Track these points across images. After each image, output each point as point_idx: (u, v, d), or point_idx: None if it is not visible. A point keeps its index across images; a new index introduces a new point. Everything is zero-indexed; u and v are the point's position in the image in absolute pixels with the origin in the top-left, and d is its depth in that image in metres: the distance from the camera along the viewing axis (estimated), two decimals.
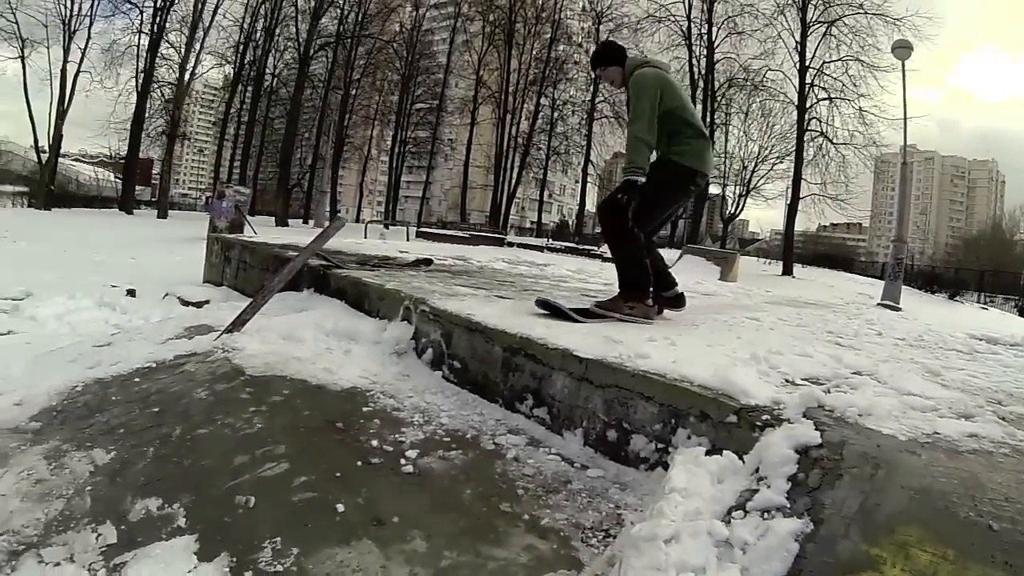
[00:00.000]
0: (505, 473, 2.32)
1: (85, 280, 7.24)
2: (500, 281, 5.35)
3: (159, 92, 33.59)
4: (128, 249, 12.36)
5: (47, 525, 2.07)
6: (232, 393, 2.97)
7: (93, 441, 2.61)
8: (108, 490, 2.25)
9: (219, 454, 2.45)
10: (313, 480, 2.23)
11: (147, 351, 3.68)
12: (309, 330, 3.77)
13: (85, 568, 1.87)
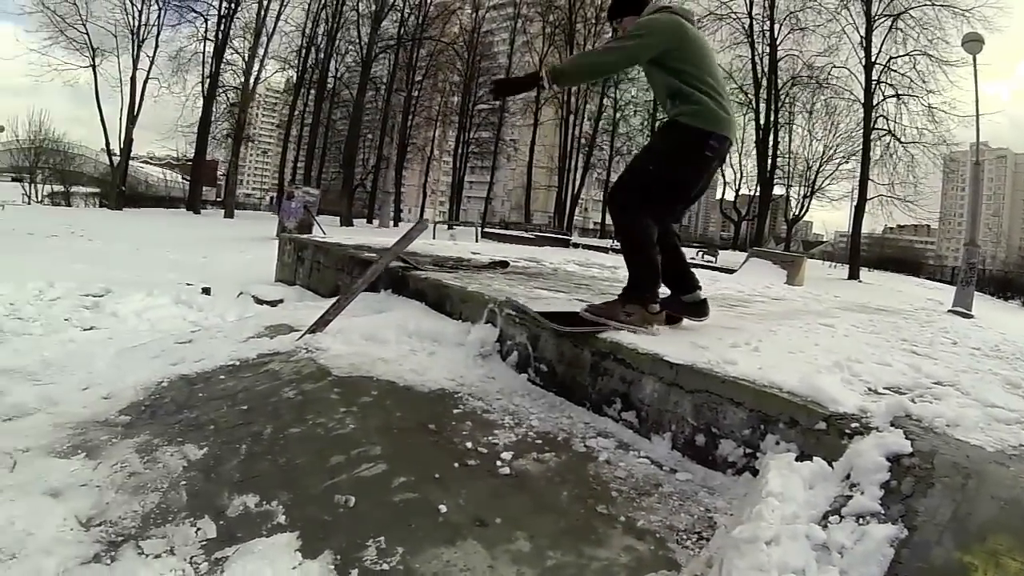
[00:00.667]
0: (598, 475, 2.42)
1: (160, 278, 7.61)
2: (576, 284, 5.41)
3: (224, 96, 36.42)
4: (199, 248, 12.92)
5: (144, 517, 2.19)
6: (321, 393, 3.10)
7: (184, 436, 2.75)
8: (203, 485, 2.37)
9: (314, 453, 2.57)
10: (412, 481, 2.32)
11: (230, 349, 3.86)
12: (392, 331, 3.89)
13: (186, 561, 1.96)
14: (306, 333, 3.92)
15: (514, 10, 44.45)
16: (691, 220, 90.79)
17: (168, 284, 6.91)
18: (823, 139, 37.74)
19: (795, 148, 38.46)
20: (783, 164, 37.69)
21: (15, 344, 4.51)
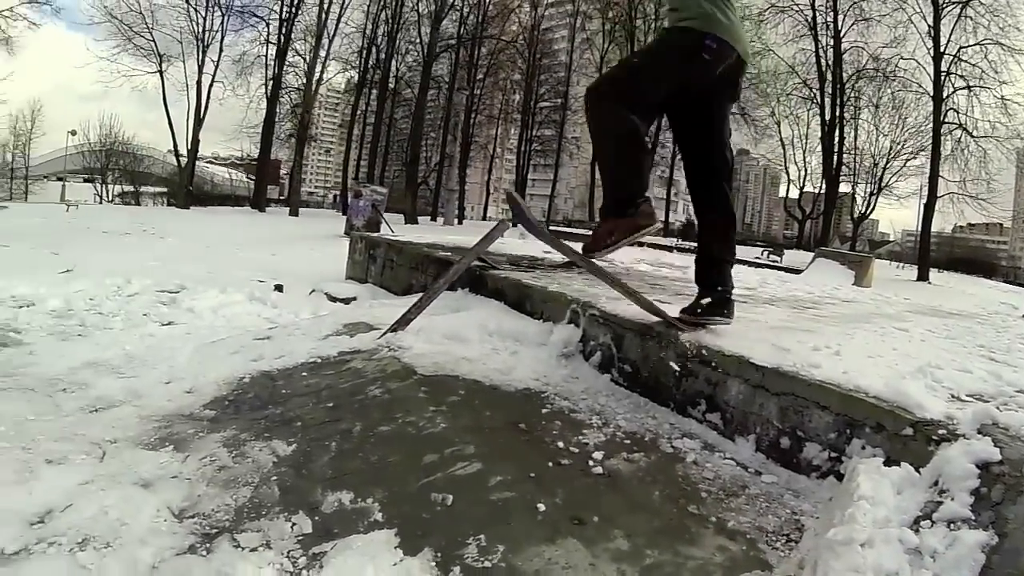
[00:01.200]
0: (687, 476, 2.51)
1: (232, 274, 7.88)
2: (652, 284, 5.45)
3: (287, 97, 39.02)
4: (267, 245, 13.34)
5: (237, 511, 2.27)
6: (408, 392, 3.19)
7: (271, 432, 2.85)
8: (295, 481, 2.45)
9: (406, 452, 2.64)
10: (508, 480, 2.39)
11: (309, 346, 3.98)
12: (474, 330, 3.96)
13: (283, 555, 2.03)
14: (387, 331, 4.00)
15: (573, 7, 45.19)
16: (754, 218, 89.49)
17: (240, 281, 7.17)
18: (890, 134, 37.69)
19: (861, 144, 38.42)
20: (849, 160, 37.46)
21: (97, 338, 4.73)
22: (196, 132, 37.43)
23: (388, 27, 40.94)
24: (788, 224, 66.06)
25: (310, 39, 38.31)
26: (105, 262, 8.72)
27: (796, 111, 41.75)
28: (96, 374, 3.82)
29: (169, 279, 6.71)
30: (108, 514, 2.25)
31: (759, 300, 5.15)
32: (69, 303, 5.50)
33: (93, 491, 2.44)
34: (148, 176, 49.62)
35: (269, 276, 7.92)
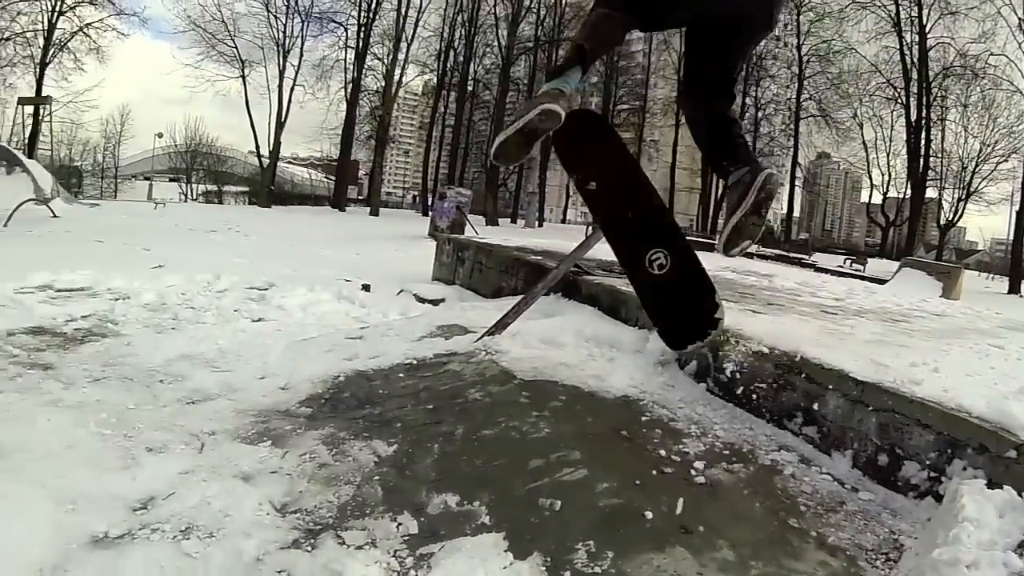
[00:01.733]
0: (786, 489, 2.55)
1: (318, 273, 8.11)
2: (741, 293, 5.44)
3: (366, 100, 41.11)
4: (350, 244, 13.74)
5: (340, 509, 2.36)
6: (509, 396, 3.25)
7: (371, 432, 2.94)
8: (398, 482, 2.53)
9: (511, 456, 2.71)
10: (615, 487, 2.44)
11: (404, 348, 4.08)
12: (570, 336, 4.01)
13: (390, 555, 2.10)
14: (485, 335, 4.09)
15: None
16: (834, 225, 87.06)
17: (327, 280, 7.39)
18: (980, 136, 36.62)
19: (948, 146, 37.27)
20: (935, 164, 36.33)
21: (191, 332, 4.95)
22: (278, 135, 39.57)
23: (465, 30, 42.12)
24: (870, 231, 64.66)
25: (388, 43, 40.11)
26: (194, 258, 9.14)
27: (879, 112, 41.23)
28: (191, 367, 4.01)
29: (257, 276, 6.98)
30: (211, 504, 2.36)
31: (848, 312, 5.04)
32: (162, 297, 5.77)
33: (194, 481, 2.57)
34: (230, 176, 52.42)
35: (355, 275, 8.13)
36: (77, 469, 2.67)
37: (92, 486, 2.54)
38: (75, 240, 11.05)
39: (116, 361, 4.10)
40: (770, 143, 43.69)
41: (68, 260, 7.07)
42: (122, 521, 2.31)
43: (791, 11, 40.13)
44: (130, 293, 5.83)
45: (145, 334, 4.77)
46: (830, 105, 41.36)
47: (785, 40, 41.69)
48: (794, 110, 42.16)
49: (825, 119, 40.96)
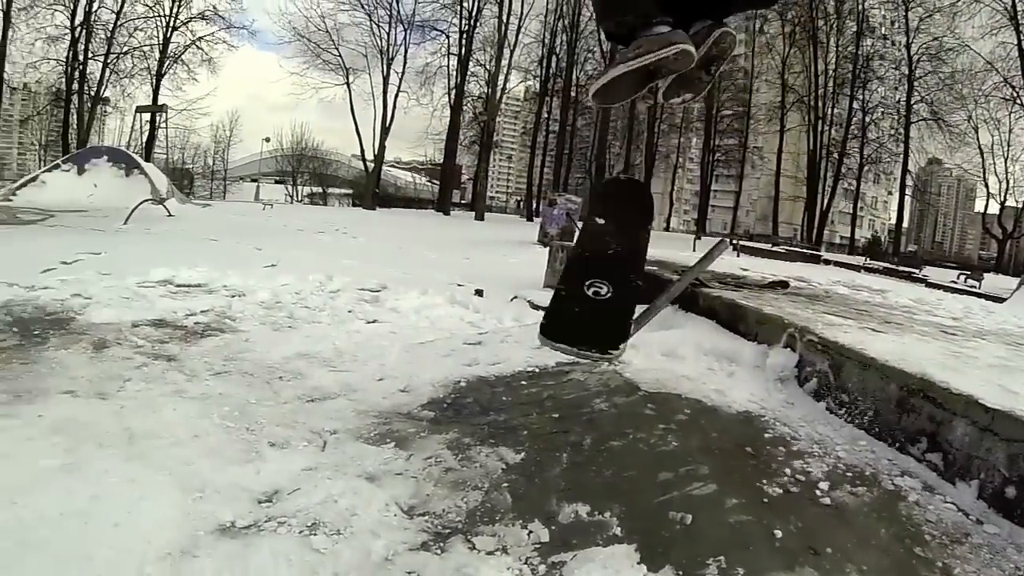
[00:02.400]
0: (910, 516, 2.49)
1: (429, 276, 8.28)
2: (858, 310, 5.24)
3: (470, 105, 42.85)
4: (458, 249, 13.96)
5: (469, 514, 2.41)
6: (635, 408, 3.26)
7: (496, 439, 2.99)
8: (527, 489, 2.56)
9: (640, 468, 2.71)
10: (744, 503, 2.43)
11: (525, 355, 4.13)
12: (690, 348, 4.00)
13: (522, 562, 2.13)
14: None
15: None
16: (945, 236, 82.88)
17: (439, 284, 7.54)
18: None
19: None
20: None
21: (307, 331, 5.15)
22: (383, 139, 41.38)
23: (567, 36, 42.32)
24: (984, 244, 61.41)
25: (490, 49, 41.34)
26: (305, 259, 9.53)
27: (996, 114, 39.23)
28: (309, 365, 4.17)
29: (368, 278, 7.19)
30: (337, 503, 2.44)
31: (968, 333, 4.79)
32: (276, 296, 6.02)
33: (319, 478, 2.66)
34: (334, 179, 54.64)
35: (466, 280, 8.27)
36: (203, 459, 2.82)
37: (218, 476, 2.67)
38: (190, 238, 11.64)
39: (236, 356, 4.31)
40: (878, 149, 42.42)
41: (185, 257, 7.47)
42: (248, 512, 2.42)
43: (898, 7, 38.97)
44: (245, 291, 6.12)
45: (262, 331, 4.99)
46: (942, 107, 39.63)
47: (892, 38, 40.55)
48: (904, 113, 40.61)
49: (937, 123, 39.46)
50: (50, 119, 41.34)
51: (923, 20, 38.58)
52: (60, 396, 3.43)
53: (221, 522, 2.35)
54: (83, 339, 4.37)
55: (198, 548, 2.18)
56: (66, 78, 36.94)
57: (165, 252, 9.06)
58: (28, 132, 44.39)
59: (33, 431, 2.98)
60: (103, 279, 6.24)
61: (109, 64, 37.31)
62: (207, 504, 2.45)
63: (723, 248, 5.24)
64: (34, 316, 4.86)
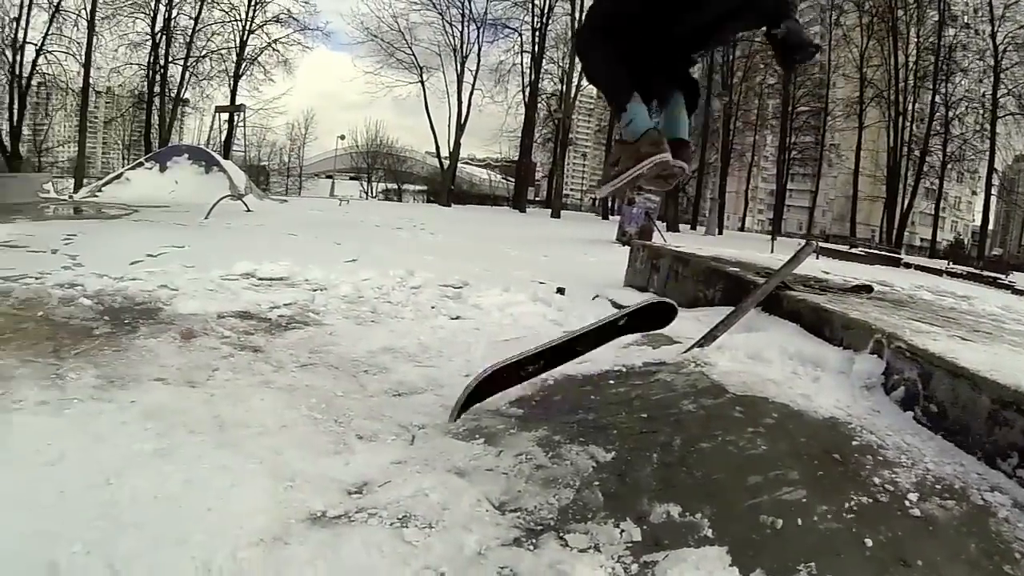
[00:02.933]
0: (999, 533, 2.47)
1: (509, 274, 8.40)
2: (944, 317, 5.18)
3: (544, 103, 43.40)
4: (537, 246, 14.09)
5: (561, 511, 2.45)
6: (722, 410, 3.26)
7: (587, 437, 3.02)
8: (618, 488, 2.60)
9: (730, 470, 2.73)
10: (834, 511, 2.46)
11: (611, 354, 4.17)
12: (775, 352, 3.97)
13: (614, 560, 2.17)
14: (694, 346, 4.11)
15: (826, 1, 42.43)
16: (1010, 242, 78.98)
17: (520, 281, 7.60)
18: None
19: None
20: None
21: (391, 325, 5.26)
22: (458, 137, 42.22)
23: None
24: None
25: (563, 47, 41.59)
26: (384, 254, 9.74)
27: None
28: (394, 359, 4.28)
29: (450, 274, 7.30)
30: (428, 496, 2.50)
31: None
32: (359, 290, 6.15)
33: (409, 472, 2.74)
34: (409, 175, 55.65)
35: (547, 278, 8.29)
36: (292, 449, 2.92)
37: (308, 466, 2.77)
38: (269, 233, 11.96)
39: (321, 349, 4.44)
40: (962, 146, 40.58)
41: (267, 252, 7.70)
42: (339, 503, 2.51)
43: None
44: (327, 285, 6.26)
45: (346, 325, 5.11)
46: None
47: (977, 27, 38.87)
48: (990, 107, 38.81)
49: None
50: (132, 120, 43.24)
51: (1008, 7, 36.76)
52: (151, 383, 3.59)
53: (312, 511, 2.43)
54: (171, 329, 4.56)
55: (290, 536, 2.27)
56: (148, 81, 38.70)
57: (246, 246, 9.38)
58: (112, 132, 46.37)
59: (127, 416, 3.14)
60: (188, 271, 6.49)
61: (188, 67, 39.01)
62: (298, 493, 2.54)
63: (809, 251, 5.21)
64: (124, 305, 5.09)
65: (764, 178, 53.79)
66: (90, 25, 33.33)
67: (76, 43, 34.18)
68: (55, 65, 34.70)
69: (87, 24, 33.34)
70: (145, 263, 7.23)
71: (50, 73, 34.92)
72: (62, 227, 11.01)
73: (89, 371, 3.66)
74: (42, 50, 33.70)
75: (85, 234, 10.04)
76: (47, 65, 34.40)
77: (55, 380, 3.50)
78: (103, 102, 43.20)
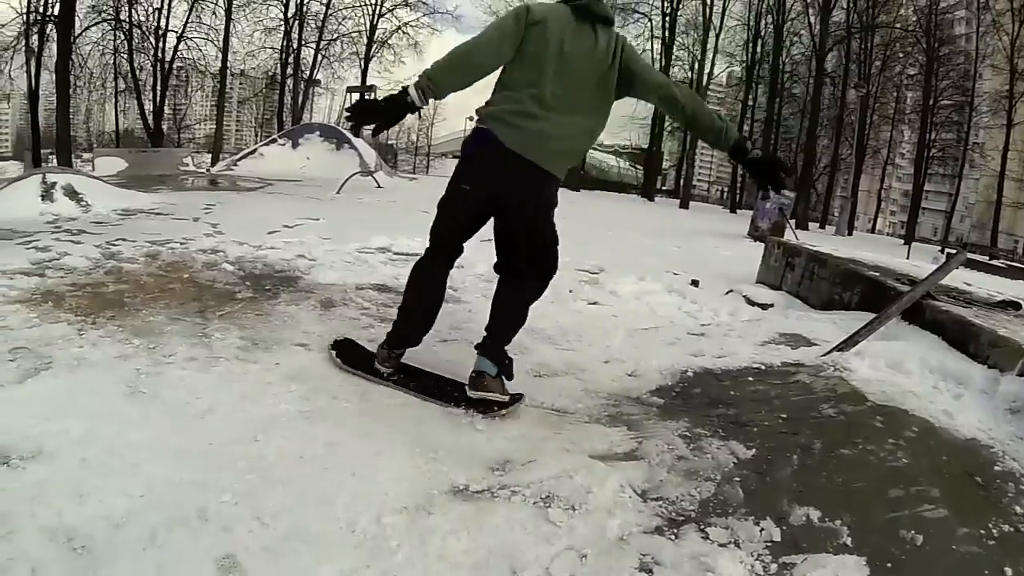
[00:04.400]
0: None
1: (643, 262, 8.45)
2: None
3: None
4: (668, 237, 14.10)
5: (702, 504, 2.51)
6: (864, 418, 3.24)
7: (727, 432, 3.08)
8: (759, 486, 2.64)
9: (871, 480, 2.72)
10: (974, 535, 2.43)
11: (749, 351, 4.21)
12: (915, 363, 3.90)
13: (753, 557, 2.22)
14: (833, 350, 4.09)
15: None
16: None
17: (655, 270, 7.62)
18: None
19: None
20: None
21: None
22: None
23: (774, 19, 40.65)
24: None
25: (694, 33, 40.83)
26: None
27: None
28: (534, 340, 4.37)
29: (585, 259, 7.40)
30: (572, 479, 2.60)
31: None
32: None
33: (551, 452, 2.84)
34: None
35: (680, 269, 8.27)
36: (434, 421, 3.08)
37: (450, 439, 2.92)
38: (401, 210, 12.23)
39: (461, 325, 4.60)
40: None
41: (401, 227, 7.87)
42: (481, 478, 2.62)
43: None
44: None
45: (484, 303, 5.14)
46: None
47: None
48: None
49: None
50: (266, 100, 45.26)
51: None
52: (294, 347, 3.81)
53: (455, 484, 2.55)
54: (311, 297, 4.80)
55: (433, 506, 2.39)
56: (280, 63, 40.29)
57: (380, 221, 9.70)
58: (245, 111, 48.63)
59: (271, 376, 3.35)
60: (324, 243, 6.77)
61: (320, 50, 40.44)
62: (440, 466, 2.67)
63: (960, 261, 5.08)
64: (264, 272, 5.39)
65: (899, 177, 50.98)
66: (227, 13, 35.38)
67: (214, 29, 36.18)
68: (194, 50, 36.70)
69: (224, 12, 35.42)
70: (282, 233, 7.58)
71: (189, 57, 36.99)
72: (202, 197, 11.63)
73: (233, 332, 3.92)
74: (183, 37, 35.79)
75: (223, 204, 10.55)
76: (187, 50, 36.43)
77: (202, 338, 3.76)
78: (238, 83, 45.08)
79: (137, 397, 2.98)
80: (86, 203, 9.04)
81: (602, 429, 3.07)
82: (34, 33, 29.93)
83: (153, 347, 3.55)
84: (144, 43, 35.11)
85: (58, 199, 8.91)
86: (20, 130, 42.92)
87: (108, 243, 6.06)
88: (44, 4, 29.33)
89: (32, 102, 30.98)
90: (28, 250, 5.61)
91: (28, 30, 29.82)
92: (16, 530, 2.06)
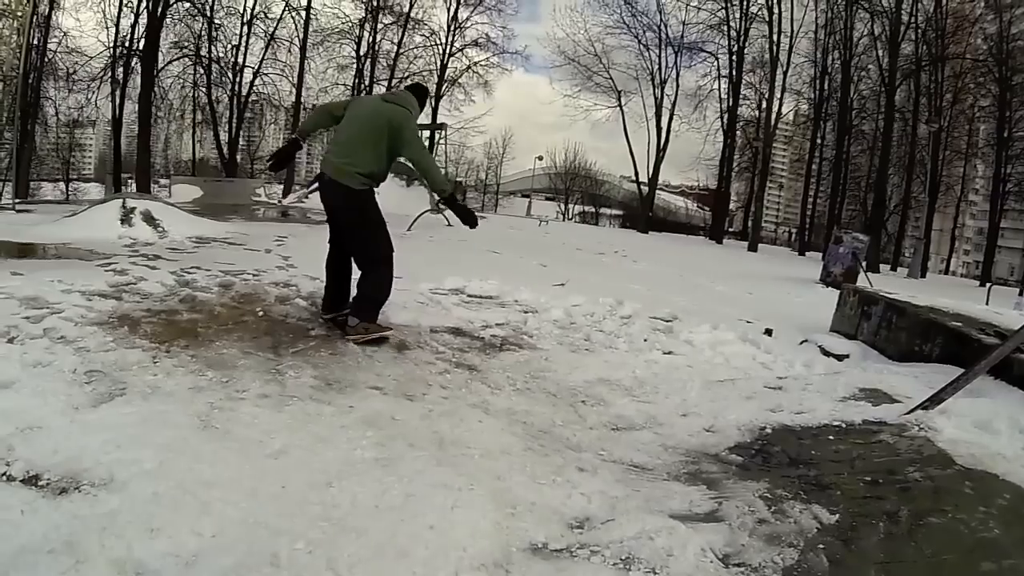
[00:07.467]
0: None
1: (716, 309, 8.37)
2: None
3: (742, 130, 42.87)
4: (740, 281, 13.90)
5: (786, 572, 2.42)
6: (952, 483, 3.12)
7: (809, 495, 2.98)
8: (844, 555, 2.54)
9: (961, 552, 2.61)
10: None
11: (829, 407, 4.09)
12: (1003, 423, 3.72)
13: None
14: (918, 408, 3.93)
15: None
16: None
17: (728, 318, 7.51)
18: None
19: None
20: None
21: (605, 356, 5.32)
22: (658, 164, 41.84)
23: (841, 54, 40.01)
24: None
25: (760, 71, 40.68)
26: (591, 280, 9.84)
27: None
28: (611, 392, 4.37)
29: (658, 306, 7.28)
30: (653, 540, 2.54)
31: None
32: (570, 316, 6.25)
33: (631, 511, 2.79)
34: (605, 199, 56.40)
35: (753, 316, 8.15)
36: (513, 475, 3.05)
37: (529, 494, 2.88)
38: (472, 249, 12.36)
39: (538, 374, 4.59)
40: None
41: (473, 268, 7.96)
42: (560, 535, 2.59)
43: None
44: (538, 308, 6.40)
45: (561, 351, 5.24)
46: None
47: None
48: None
49: None
50: None
51: None
52: (368, 391, 3.86)
53: (534, 541, 2.52)
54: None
55: (511, 564, 2.37)
56: None
57: (452, 260, 9.85)
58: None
59: (346, 420, 3.39)
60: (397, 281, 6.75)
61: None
62: (520, 521, 2.65)
63: None
64: None
65: (973, 215, 49.32)
66: (302, 50, 36.77)
67: (289, 66, 37.64)
68: (269, 85, 38.21)
69: (299, 49, 36.87)
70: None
71: (264, 92, 38.46)
72: (273, 228, 11.98)
73: (307, 371, 3.99)
74: (259, 72, 37.36)
75: (295, 237, 10.81)
76: (262, 85, 37.97)
77: (275, 375, 3.84)
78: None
79: (210, 432, 3.05)
80: (162, 229, 9.51)
81: (681, 487, 3.02)
82: (120, 66, 32.08)
83: (226, 380, 3.64)
84: (222, 78, 36.70)
85: (136, 224, 9.40)
86: (102, 154, 44.94)
87: (183, 270, 6.28)
88: (130, 39, 31.45)
89: (115, 129, 33.26)
90: (107, 272, 5.87)
91: (115, 63, 31.93)
92: (85, 560, 2.09)
